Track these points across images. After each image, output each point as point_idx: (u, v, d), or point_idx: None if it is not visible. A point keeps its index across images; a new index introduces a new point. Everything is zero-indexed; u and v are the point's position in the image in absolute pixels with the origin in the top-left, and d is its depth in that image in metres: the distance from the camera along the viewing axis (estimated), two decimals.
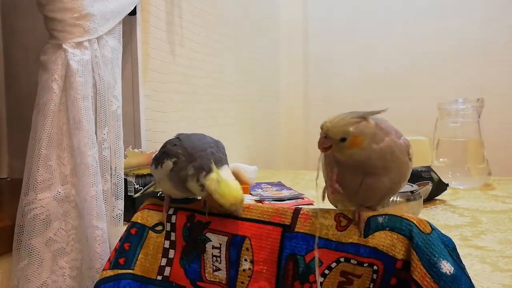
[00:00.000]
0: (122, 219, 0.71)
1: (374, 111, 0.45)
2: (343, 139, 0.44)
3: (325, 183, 0.50)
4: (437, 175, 0.98)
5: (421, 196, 0.77)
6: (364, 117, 0.45)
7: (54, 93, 0.62)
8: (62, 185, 0.64)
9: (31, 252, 0.61)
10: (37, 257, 0.62)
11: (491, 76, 1.71)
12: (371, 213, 0.48)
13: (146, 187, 0.72)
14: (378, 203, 0.50)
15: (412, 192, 0.74)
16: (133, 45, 0.91)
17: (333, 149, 0.45)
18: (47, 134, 0.62)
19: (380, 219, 0.47)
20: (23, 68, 1.05)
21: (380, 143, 0.45)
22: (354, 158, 0.45)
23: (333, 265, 0.47)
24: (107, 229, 0.66)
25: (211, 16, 1.27)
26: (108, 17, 0.69)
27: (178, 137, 0.57)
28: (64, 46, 0.63)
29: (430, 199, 0.95)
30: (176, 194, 0.57)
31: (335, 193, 0.48)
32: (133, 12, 0.88)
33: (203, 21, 1.22)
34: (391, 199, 0.72)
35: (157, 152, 0.61)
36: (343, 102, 1.92)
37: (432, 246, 0.43)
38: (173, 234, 0.57)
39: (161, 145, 0.87)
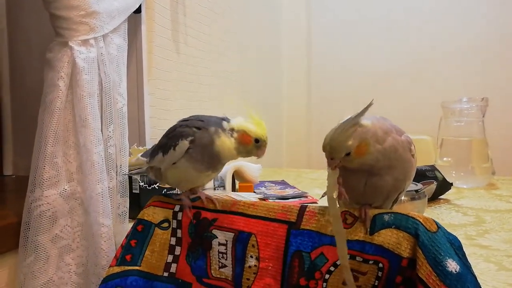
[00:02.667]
0: (128, 217, 0.71)
1: (361, 111, 0.44)
2: (348, 154, 0.44)
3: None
4: (441, 174, 0.98)
5: (426, 195, 0.77)
6: (356, 122, 0.45)
7: (60, 90, 0.62)
8: (68, 182, 0.64)
9: (37, 249, 0.62)
10: (43, 253, 0.62)
11: (496, 75, 1.70)
12: (377, 211, 0.48)
13: (136, 170, 0.70)
14: (384, 202, 0.50)
15: (416, 191, 0.74)
16: (138, 43, 0.91)
17: (342, 162, 0.46)
18: (53, 131, 0.62)
19: (386, 217, 0.47)
20: (29, 65, 1.05)
21: (383, 143, 0.45)
22: (365, 164, 0.45)
23: (339, 262, 0.47)
24: (112, 226, 0.67)
25: (215, 14, 1.28)
26: (114, 15, 0.69)
27: (180, 122, 0.58)
28: (70, 43, 0.63)
29: (434, 198, 0.95)
30: (196, 174, 0.55)
31: (340, 197, 0.48)
32: (138, 10, 0.88)
33: (208, 19, 1.22)
34: (400, 198, 0.72)
35: (152, 146, 0.61)
36: (346, 101, 1.91)
37: (438, 245, 0.43)
38: (179, 231, 0.57)
39: None
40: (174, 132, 0.57)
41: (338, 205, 0.45)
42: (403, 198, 0.72)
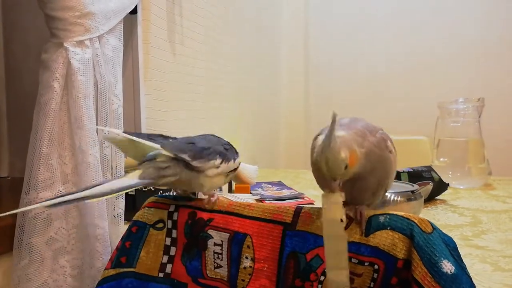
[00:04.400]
0: (123, 218, 0.71)
1: (331, 124, 0.42)
2: (346, 167, 0.43)
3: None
4: (438, 175, 0.98)
5: (422, 196, 0.77)
6: (334, 136, 0.43)
7: (55, 91, 0.62)
8: (63, 184, 0.64)
9: (31, 251, 0.61)
10: (38, 256, 0.62)
11: (492, 75, 1.71)
12: (372, 212, 0.48)
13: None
14: (372, 200, 0.50)
15: (412, 191, 0.74)
16: (134, 44, 0.91)
17: (341, 179, 0.44)
18: (48, 133, 0.61)
19: (382, 218, 0.47)
20: (24, 66, 1.05)
21: (364, 147, 0.45)
22: (357, 172, 0.45)
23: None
24: (108, 228, 0.66)
25: (212, 15, 1.27)
26: (109, 16, 0.69)
27: (223, 141, 0.61)
28: (65, 44, 0.63)
29: (430, 198, 0.95)
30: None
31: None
32: (134, 11, 0.88)
33: (204, 20, 1.22)
34: (391, 198, 0.72)
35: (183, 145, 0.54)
36: (343, 102, 1.92)
37: (433, 246, 0.43)
38: (174, 231, 0.57)
39: None
40: (228, 147, 0.60)
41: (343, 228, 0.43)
42: (399, 198, 0.72)
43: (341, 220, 0.42)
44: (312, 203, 0.89)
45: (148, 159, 0.50)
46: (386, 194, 0.71)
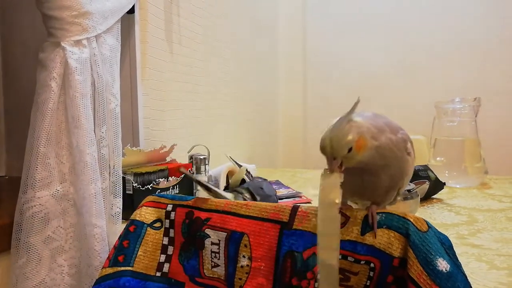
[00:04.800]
0: (121, 217, 0.71)
1: (352, 108, 0.44)
2: (350, 149, 0.43)
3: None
4: (434, 174, 0.99)
5: (418, 195, 0.77)
6: (350, 119, 0.44)
7: (53, 91, 0.62)
8: (61, 183, 0.64)
9: (29, 250, 0.61)
10: (36, 255, 0.62)
11: (488, 75, 1.71)
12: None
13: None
14: (382, 198, 0.50)
15: (409, 190, 0.75)
16: (132, 43, 0.91)
17: (343, 163, 0.44)
18: (46, 132, 0.62)
19: (377, 217, 0.47)
20: (22, 65, 1.05)
21: (378, 140, 0.45)
22: (362, 162, 0.45)
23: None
24: (105, 227, 0.66)
25: (210, 14, 1.28)
26: (107, 16, 0.69)
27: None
28: (62, 44, 0.63)
29: (427, 197, 0.95)
30: None
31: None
32: (132, 11, 0.88)
33: (202, 20, 1.22)
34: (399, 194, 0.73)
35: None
36: (341, 101, 1.92)
37: (429, 244, 0.43)
38: (171, 230, 0.57)
39: (159, 144, 0.87)
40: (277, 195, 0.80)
41: (338, 210, 0.42)
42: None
43: (336, 202, 0.42)
44: (310, 202, 0.90)
45: (237, 190, 0.73)
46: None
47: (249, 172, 0.78)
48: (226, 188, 0.82)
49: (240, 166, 0.77)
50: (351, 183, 0.47)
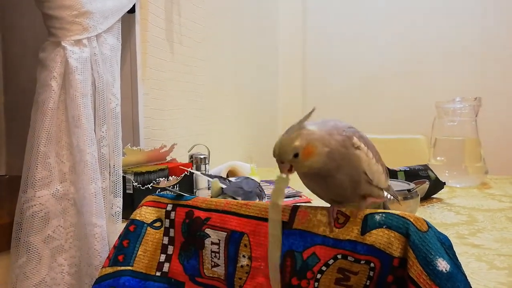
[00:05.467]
0: (121, 217, 0.71)
1: (305, 116, 0.46)
2: (296, 155, 0.45)
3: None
4: (434, 174, 0.99)
5: (418, 195, 0.77)
6: (301, 127, 0.46)
7: (53, 90, 0.62)
8: (61, 182, 0.64)
9: (29, 250, 0.61)
10: (36, 254, 0.62)
11: (489, 75, 1.71)
12: (368, 211, 0.48)
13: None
14: (354, 198, 0.50)
15: (409, 190, 0.75)
16: (132, 43, 0.91)
17: (294, 168, 0.47)
18: (46, 131, 0.62)
19: (378, 217, 0.47)
20: (22, 65, 1.05)
21: (330, 145, 0.47)
22: (314, 167, 0.47)
23: (331, 261, 0.47)
24: (105, 226, 0.67)
25: (210, 13, 1.28)
26: (107, 15, 0.69)
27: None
28: (63, 43, 0.63)
29: (427, 197, 0.95)
30: None
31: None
32: (132, 10, 0.88)
33: (202, 19, 1.22)
34: (388, 197, 0.73)
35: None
36: (341, 100, 1.92)
37: (429, 244, 0.43)
38: (171, 230, 0.57)
39: (159, 143, 0.87)
40: (261, 189, 0.84)
41: (280, 212, 0.47)
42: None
43: (278, 204, 0.47)
44: (310, 202, 0.90)
45: (222, 194, 0.78)
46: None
47: (225, 178, 0.83)
48: None
49: (211, 177, 0.81)
50: (320, 187, 0.50)
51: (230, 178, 0.84)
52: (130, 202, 0.76)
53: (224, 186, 0.77)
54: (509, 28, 1.69)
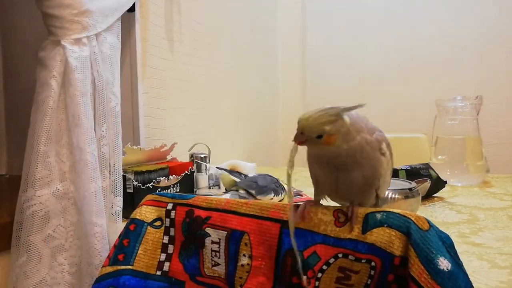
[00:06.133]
0: (121, 216, 0.71)
1: (349, 107, 0.45)
2: (319, 137, 0.45)
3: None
4: (436, 173, 0.98)
5: (420, 193, 0.77)
6: (340, 115, 0.45)
7: (53, 89, 0.62)
8: (61, 181, 0.64)
9: (29, 249, 0.61)
10: (36, 253, 0.62)
11: (490, 73, 1.71)
12: (369, 210, 0.48)
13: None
14: (361, 198, 0.50)
15: (410, 189, 0.74)
16: (132, 42, 0.91)
17: (307, 143, 0.47)
18: (46, 130, 0.61)
19: (378, 216, 0.47)
20: (22, 64, 1.05)
21: (351, 142, 0.46)
22: (324, 154, 0.47)
23: (331, 260, 0.47)
24: (106, 225, 0.66)
25: (210, 13, 1.27)
26: (107, 14, 0.69)
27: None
28: (62, 42, 0.63)
29: (428, 196, 0.95)
30: None
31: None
32: (132, 9, 0.87)
33: (202, 18, 1.22)
34: (389, 195, 0.73)
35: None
36: (341, 100, 1.91)
37: (430, 243, 0.43)
38: (172, 229, 0.57)
39: (159, 142, 0.87)
40: (278, 184, 0.88)
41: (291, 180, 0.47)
42: (396, 196, 0.72)
43: (289, 174, 0.47)
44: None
45: (232, 190, 0.80)
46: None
47: (240, 173, 0.86)
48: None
49: (230, 172, 0.86)
50: (328, 179, 0.49)
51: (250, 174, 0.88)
52: (130, 201, 0.75)
53: (237, 180, 0.80)
54: (510, 26, 1.69)
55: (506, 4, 1.70)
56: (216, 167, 0.94)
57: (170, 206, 0.58)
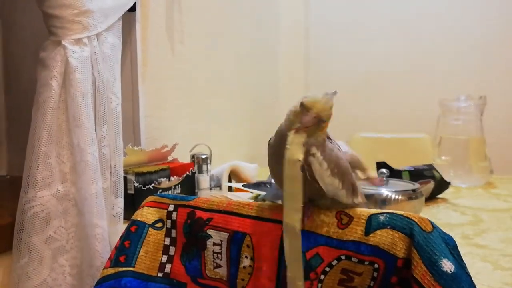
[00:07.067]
0: (122, 217, 0.70)
1: (333, 93, 0.45)
2: (324, 121, 0.45)
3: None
4: (439, 174, 0.98)
5: (423, 195, 0.77)
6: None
7: (53, 90, 0.61)
8: (62, 182, 0.64)
9: (31, 250, 0.61)
10: (37, 255, 0.62)
11: (494, 73, 1.70)
12: (373, 211, 0.47)
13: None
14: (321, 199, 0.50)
15: (414, 190, 0.74)
16: (133, 41, 0.91)
17: (308, 129, 0.45)
18: (47, 131, 0.61)
19: (381, 217, 0.46)
20: (23, 64, 1.05)
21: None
22: (317, 140, 0.46)
23: (334, 262, 0.47)
24: (107, 227, 0.66)
25: (211, 12, 1.27)
26: (108, 14, 0.69)
27: None
28: (63, 42, 0.62)
29: (432, 197, 0.95)
30: None
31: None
32: (133, 9, 0.87)
33: (203, 18, 1.22)
34: (392, 197, 0.72)
35: None
36: (343, 99, 1.91)
37: (433, 245, 0.42)
38: (173, 231, 0.57)
39: (160, 143, 0.87)
40: None
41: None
42: (400, 197, 0.72)
43: (299, 160, 0.44)
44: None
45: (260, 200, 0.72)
46: (387, 193, 0.72)
47: (265, 183, 0.82)
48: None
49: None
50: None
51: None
52: (131, 203, 0.75)
53: (262, 193, 0.75)
54: None
55: (510, 4, 1.69)
56: (242, 185, 0.86)
57: (171, 208, 0.58)
